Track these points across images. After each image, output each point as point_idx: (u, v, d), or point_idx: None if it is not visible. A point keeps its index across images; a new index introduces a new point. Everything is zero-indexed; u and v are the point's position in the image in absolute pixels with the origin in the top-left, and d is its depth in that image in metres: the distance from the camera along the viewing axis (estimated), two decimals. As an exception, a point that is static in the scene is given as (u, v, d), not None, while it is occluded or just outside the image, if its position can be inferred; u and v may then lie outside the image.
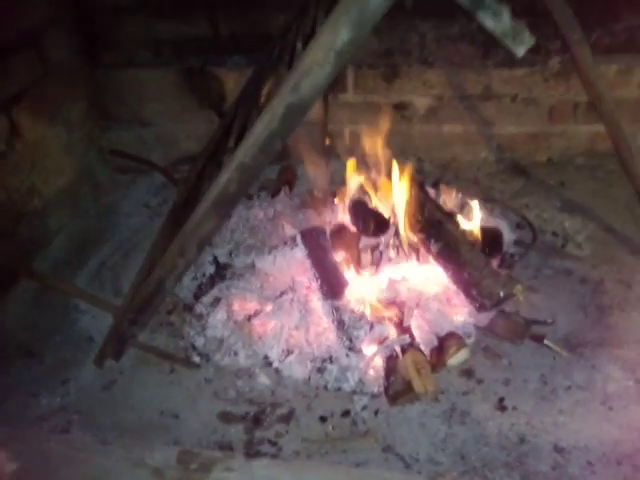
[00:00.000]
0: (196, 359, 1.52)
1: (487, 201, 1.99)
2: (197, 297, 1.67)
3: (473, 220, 1.69)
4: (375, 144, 1.76)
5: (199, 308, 1.64)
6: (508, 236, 1.85)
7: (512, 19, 0.77)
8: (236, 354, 1.50)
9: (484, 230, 1.68)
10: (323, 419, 1.36)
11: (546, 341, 1.48)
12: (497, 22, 0.78)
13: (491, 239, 1.68)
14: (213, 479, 1.11)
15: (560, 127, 2.19)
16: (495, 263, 1.67)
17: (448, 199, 1.80)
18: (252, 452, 1.27)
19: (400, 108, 2.18)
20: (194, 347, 1.55)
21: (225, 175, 0.98)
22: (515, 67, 2.04)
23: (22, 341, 1.62)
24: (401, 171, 1.63)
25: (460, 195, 1.83)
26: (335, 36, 0.81)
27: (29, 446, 1.18)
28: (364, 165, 1.80)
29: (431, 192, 1.84)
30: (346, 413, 1.37)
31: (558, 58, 2.03)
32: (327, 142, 2.11)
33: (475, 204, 1.71)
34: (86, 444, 1.21)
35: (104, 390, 1.46)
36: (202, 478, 1.11)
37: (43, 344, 1.61)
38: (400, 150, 2.25)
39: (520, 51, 0.82)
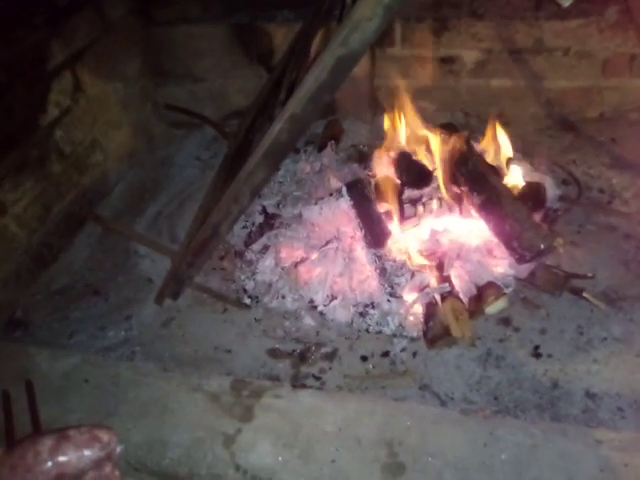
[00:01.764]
0: (247, 301, 1.63)
1: (534, 156, 1.98)
2: (247, 245, 1.77)
3: (517, 174, 1.70)
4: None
5: (249, 255, 1.74)
6: (553, 191, 1.86)
7: (557, -30, 0.79)
8: (283, 297, 1.60)
9: (527, 185, 1.69)
10: (364, 358, 1.45)
11: (585, 294, 1.51)
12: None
13: (534, 193, 1.70)
14: (263, 404, 1.22)
15: (614, 81, 2.12)
16: (538, 217, 1.68)
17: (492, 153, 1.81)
18: (298, 384, 1.37)
19: (448, 62, 2.16)
20: (245, 290, 1.66)
21: (277, 125, 1.05)
22: (568, 18, 1.98)
23: (89, 281, 1.77)
24: (446, 125, 1.65)
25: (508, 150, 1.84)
26: (384, -11, 0.85)
27: (102, 370, 1.33)
28: (410, 118, 1.82)
29: (477, 147, 1.86)
30: (386, 354, 1.45)
31: (615, 7, 1.96)
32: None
33: (520, 160, 1.72)
34: (150, 370, 1.35)
35: (163, 326, 1.60)
36: (253, 403, 1.23)
37: (107, 284, 1.75)
38: (447, 105, 2.25)
39: (565, 2, 0.83)
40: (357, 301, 1.56)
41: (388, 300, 1.51)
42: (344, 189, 1.65)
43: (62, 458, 0.54)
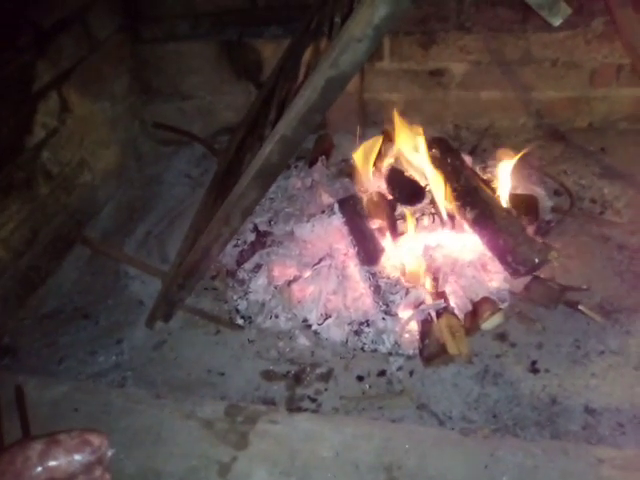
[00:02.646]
0: (239, 321, 1.60)
1: (525, 168, 1.98)
2: (239, 263, 1.74)
3: (509, 187, 1.70)
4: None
5: (241, 274, 1.71)
6: (545, 203, 1.86)
7: (547, -11, 0.78)
8: (277, 317, 1.57)
9: (520, 197, 1.69)
10: (360, 378, 1.43)
11: (580, 307, 1.50)
12: (532, -7, 0.79)
13: (527, 206, 1.69)
14: (258, 430, 1.20)
15: (602, 91, 2.14)
16: (531, 230, 1.68)
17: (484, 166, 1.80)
18: (293, 407, 1.35)
19: (436, 75, 2.17)
20: (237, 310, 1.63)
21: (267, 147, 1.03)
22: (555, 30, 1.99)
23: (78, 304, 1.73)
24: (437, 138, 1.65)
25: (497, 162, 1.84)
26: (373, 11, 0.84)
27: (92, 397, 1.30)
28: (399, 133, 1.81)
29: (468, 159, 1.85)
30: (382, 373, 1.43)
31: (602, 19, 1.97)
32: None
33: (511, 171, 1.72)
34: (142, 397, 1.32)
35: (155, 349, 1.56)
36: (248, 430, 1.20)
37: (97, 307, 1.72)
38: (437, 117, 2.26)
39: (556, 21, 0.82)
40: (352, 319, 1.54)
41: (383, 318, 1.50)
42: (336, 206, 1.63)
43: (52, 463, 0.52)
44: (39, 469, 0.52)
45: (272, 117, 1.19)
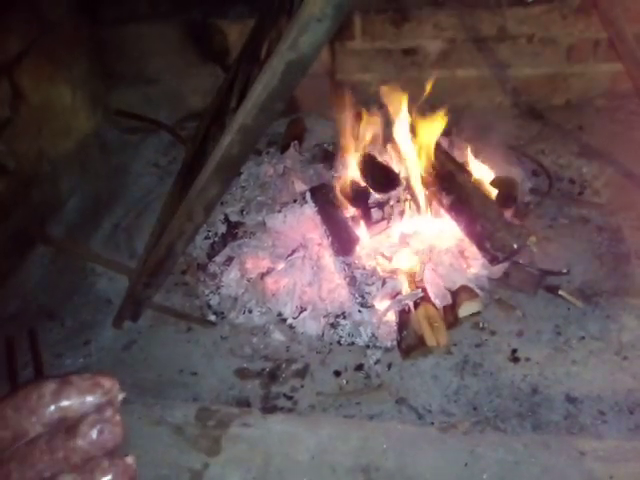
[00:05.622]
0: (211, 318, 1.54)
1: (502, 148, 1.93)
2: (210, 256, 1.68)
3: (486, 170, 1.65)
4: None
5: (213, 267, 1.65)
6: (523, 184, 1.81)
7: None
8: (250, 312, 1.52)
9: (498, 180, 1.64)
10: (337, 373, 1.38)
11: (560, 292, 1.47)
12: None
13: (505, 189, 1.65)
14: (231, 434, 1.15)
15: (579, 67, 2.09)
16: (509, 213, 1.64)
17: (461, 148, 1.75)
18: (268, 407, 1.30)
19: (410, 53, 2.09)
20: (209, 306, 1.57)
21: (227, 138, 0.96)
22: (531, 5, 1.93)
23: (43, 304, 1.65)
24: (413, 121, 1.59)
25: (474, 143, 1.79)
26: (332, -11, 0.77)
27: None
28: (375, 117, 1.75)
29: (443, 142, 1.80)
30: (360, 367, 1.39)
31: (578, -8, 1.92)
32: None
33: (489, 153, 1.67)
34: (108, 403, 1.25)
35: (124, 350, 1.50)
36: (220, 434, 1.15)
37: (63, 307, 1.64)
38: (412, 97, 2.19)
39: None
40: (327, 312, 1.49)
41: (359, 310, 1.45)
42: (308, 195, 1.57)
43: (65, 402, 0.52)
44: (52, 407, 0.52)
45: (233, 104, 1.12)
